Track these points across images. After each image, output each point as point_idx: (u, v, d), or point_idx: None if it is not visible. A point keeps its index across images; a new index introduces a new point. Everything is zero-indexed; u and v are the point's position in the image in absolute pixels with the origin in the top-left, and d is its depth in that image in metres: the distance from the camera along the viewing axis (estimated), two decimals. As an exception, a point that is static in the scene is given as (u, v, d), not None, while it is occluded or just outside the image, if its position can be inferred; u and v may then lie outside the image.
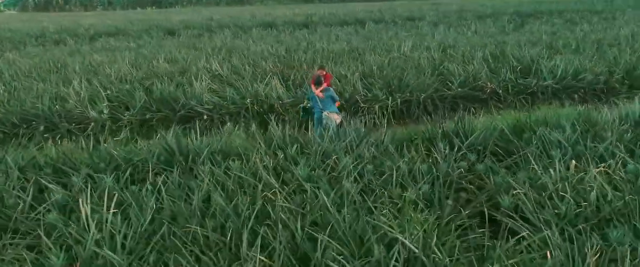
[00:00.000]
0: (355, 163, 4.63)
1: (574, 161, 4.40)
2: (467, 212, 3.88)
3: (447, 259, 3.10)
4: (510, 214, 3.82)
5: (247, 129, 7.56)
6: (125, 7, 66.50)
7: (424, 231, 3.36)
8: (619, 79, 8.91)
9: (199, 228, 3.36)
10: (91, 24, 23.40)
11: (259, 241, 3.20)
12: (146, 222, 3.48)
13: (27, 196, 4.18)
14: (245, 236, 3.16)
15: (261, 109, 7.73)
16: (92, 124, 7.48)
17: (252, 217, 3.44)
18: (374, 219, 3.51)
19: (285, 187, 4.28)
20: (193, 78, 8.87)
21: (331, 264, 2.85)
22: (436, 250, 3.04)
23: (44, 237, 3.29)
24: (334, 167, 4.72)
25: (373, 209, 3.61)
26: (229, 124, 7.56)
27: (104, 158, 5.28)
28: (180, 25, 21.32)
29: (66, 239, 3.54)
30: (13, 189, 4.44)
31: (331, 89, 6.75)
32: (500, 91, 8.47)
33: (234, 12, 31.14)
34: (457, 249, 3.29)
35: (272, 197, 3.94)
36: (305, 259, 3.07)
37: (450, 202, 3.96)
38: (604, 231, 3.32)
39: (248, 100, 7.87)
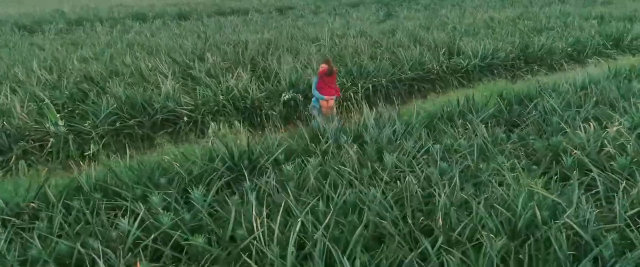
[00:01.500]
0: (430, 145, 4.96)
1: (591, 123, 5.43)
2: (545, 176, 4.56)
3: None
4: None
5: (231, 127, 7.26)
6: None
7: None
8: (518, 56, 10.72)
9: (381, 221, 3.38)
10: None
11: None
12: (330, 228, 3.33)
13: (133, 225, 3.55)
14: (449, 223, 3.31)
15: (245, 106, 7.40)
16: (52, 140, 6.29)
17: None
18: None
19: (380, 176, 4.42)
20: (156, 79, 8.00)
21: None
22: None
23: (249, 260, 2.94)
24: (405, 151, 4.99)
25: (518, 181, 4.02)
26: (213, 124, 7.15)
27: (147, 171, 4.66)
28: (27, 19, 18.18)
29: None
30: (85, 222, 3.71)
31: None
32: (440, 72, 9.52)
33: (80, 3, 27.41)
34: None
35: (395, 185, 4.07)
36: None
37: (535, 167, 4.60)
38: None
39: (221, 97, 7.47)
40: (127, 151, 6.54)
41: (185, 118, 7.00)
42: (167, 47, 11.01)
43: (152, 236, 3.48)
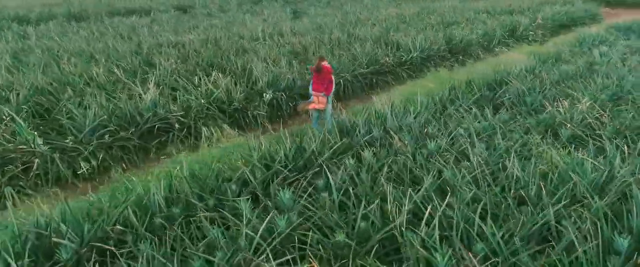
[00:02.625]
0: (459, 129, 5.48)
1: (565, 101, 6.43)
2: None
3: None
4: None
5: (221, 131, 7.10)
6: None
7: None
8: (445, 48, 11.88)
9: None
10: None
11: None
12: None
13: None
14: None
15: (235, 108, 7.22)
16: (37, 161, 5.53)
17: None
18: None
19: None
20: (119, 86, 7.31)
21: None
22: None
23: (413, 241, 3.10)
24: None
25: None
26: (204, 129, 6.91)
27: (207, 178, 4.48)
28: None
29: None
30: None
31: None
32: (391, 66, 10.20)
33: None
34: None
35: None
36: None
37: (549, 141, 5.38)
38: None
39: (203, 101, 7.20)
40: (124, 164, 6.09)
41: (177, 125, 6.63)
42: (97, 51, 10.04)
43: (279, 238, 3.45)
